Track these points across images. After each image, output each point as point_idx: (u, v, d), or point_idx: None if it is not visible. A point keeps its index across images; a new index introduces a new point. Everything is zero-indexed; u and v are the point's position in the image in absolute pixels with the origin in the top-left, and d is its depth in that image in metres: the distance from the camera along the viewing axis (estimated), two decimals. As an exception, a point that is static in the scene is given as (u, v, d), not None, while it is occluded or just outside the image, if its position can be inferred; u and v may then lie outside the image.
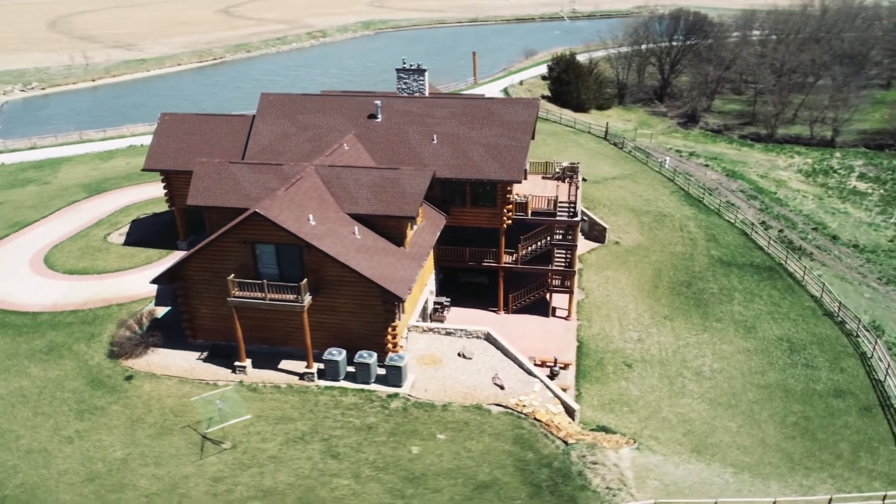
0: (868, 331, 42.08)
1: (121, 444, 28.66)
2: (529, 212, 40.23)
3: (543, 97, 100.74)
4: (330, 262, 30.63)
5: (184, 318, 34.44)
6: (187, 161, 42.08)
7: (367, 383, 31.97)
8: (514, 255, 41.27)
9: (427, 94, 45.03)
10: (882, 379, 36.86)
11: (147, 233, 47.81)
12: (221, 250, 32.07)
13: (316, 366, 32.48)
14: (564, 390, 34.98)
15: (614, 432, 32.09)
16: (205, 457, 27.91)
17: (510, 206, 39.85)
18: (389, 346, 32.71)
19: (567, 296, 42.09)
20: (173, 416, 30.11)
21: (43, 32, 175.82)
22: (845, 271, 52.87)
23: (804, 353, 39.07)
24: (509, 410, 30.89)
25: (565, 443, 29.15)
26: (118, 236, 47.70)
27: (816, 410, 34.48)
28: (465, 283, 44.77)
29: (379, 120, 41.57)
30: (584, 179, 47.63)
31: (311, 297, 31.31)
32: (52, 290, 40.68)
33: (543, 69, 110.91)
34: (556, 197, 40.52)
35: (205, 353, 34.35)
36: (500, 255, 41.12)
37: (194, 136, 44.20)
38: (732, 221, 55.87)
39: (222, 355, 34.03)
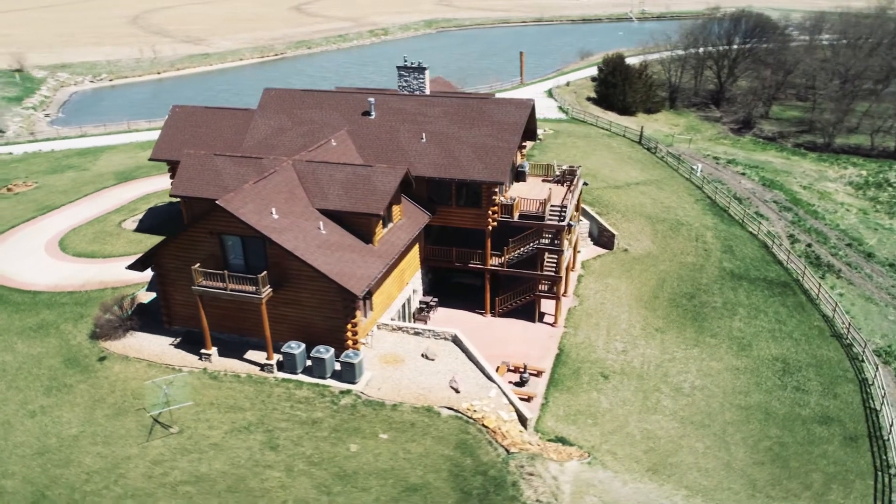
0: (879, 355, 39.40)
1: (77, 422, 29.82)
2: (516, 214, 39.48)
3: (588, 99, 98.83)
4: (290, 255, 30.94)
5: (161, 305, 35.53)
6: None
7: (324, 378, 32.16)
8: (501, 258, 40.61)
9: (427, 93, 44.87)
10: (878, 408, 34.39)
11: (159, 220, 49.51)
12: (192, 240, 32.92)
13: (276, 357, 32.90)
14: (530, 398, 34.27)
15: (571, 444, 31.15)
16: (151, 440, 28.71)
17: (496, 208, 39.27)
18: (349, 342, 32.77)
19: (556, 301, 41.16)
20: (132, 398, 31.10)
21: (124, 27, 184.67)
22: (873, 291, 49.61)
23: (797, 376, 36.88)
24: (459, 414, 30.46)
25: (507, 451, 28.52)
26: (132, 223, 49.61)
27: (795, 436, 32.48)
28: (457, 283, 44.38)
29: (372, 117, 41.71)
30: (585, 184, 46.41)
31: (271, 289, 31.73)
32: (57, 271, 42.69)
33: (595, 71, 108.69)
34: (545, 200, 39.60)
35: (178, 339, 35.33)
36: (486, 257, 40.57)
37: (200, 129, 45.51)
38: (755, 233, 53.32)
39: (195, 342, 34.91)
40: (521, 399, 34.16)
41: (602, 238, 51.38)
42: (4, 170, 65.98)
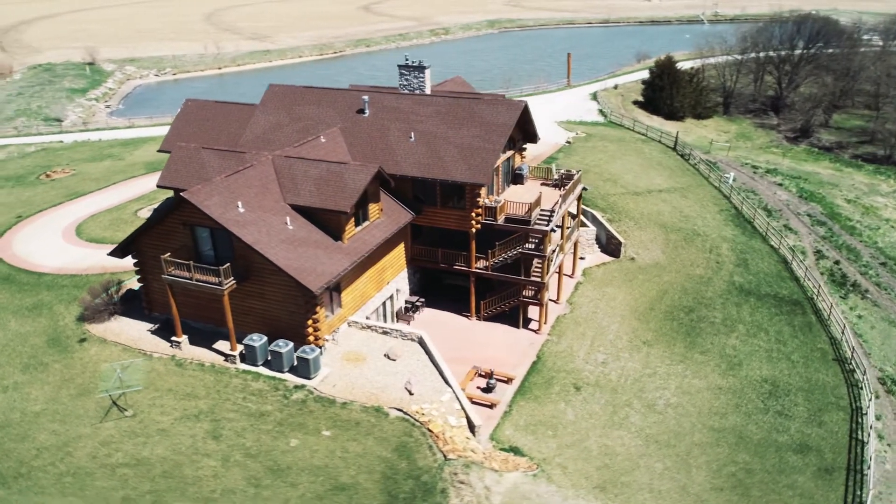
0: (884, 383, 36.79)
1: (43, 400, 31.14)
2: (500, 217, 38.79)
3: (635, 103, 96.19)
4: (253, 249, 31.37)
5: (142, 292, 36.72)
6: (204, 144, 44.44)
7: (282, 371, 32.47)
8: (486, 261, 40.00)
9: (428, 92, 44.68)
10: (865, 440, 32.05)
11: (172, 210, 51.11)
12: (168, 230, 33.85)
13: (240, 349, 33.43)
14: (493, 405, 33.67)
15: (523, 455, 30.38)
16: (105, 421, 29.68)
17: (479, 210, 38.71)
18: (311, 338, 32.96)
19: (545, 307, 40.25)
20: (98, 380, 32.23)
21: (198, 24, 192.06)
22: (900, 314, 46.30)
23: (784, 400, 34.79)
24: (407, 417, 30.18)
25: (445, 458, 28.05)
26: (147, 211, 51.48)
27: (765, 464, 30.64)
28: (448, 285, 44.00)
29: (366, 115, 41.83)
30: (584, 189, 45.13)
31: (234, 281, 32.24)
32: (66, 255, 44.74)
33: (647, 74, 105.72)
34: (532, 204, 38.74)
35: (156, 326, 36.39)
36: (471, 260, 40.06)
37: (208, 123, 46.68)
38: (776, 247, 50.64)
39: (171, 329, 35.86)
40: (485, 406, 33.67)
41: (609, 245, 49.95)
42: (51, 157, 69.69)
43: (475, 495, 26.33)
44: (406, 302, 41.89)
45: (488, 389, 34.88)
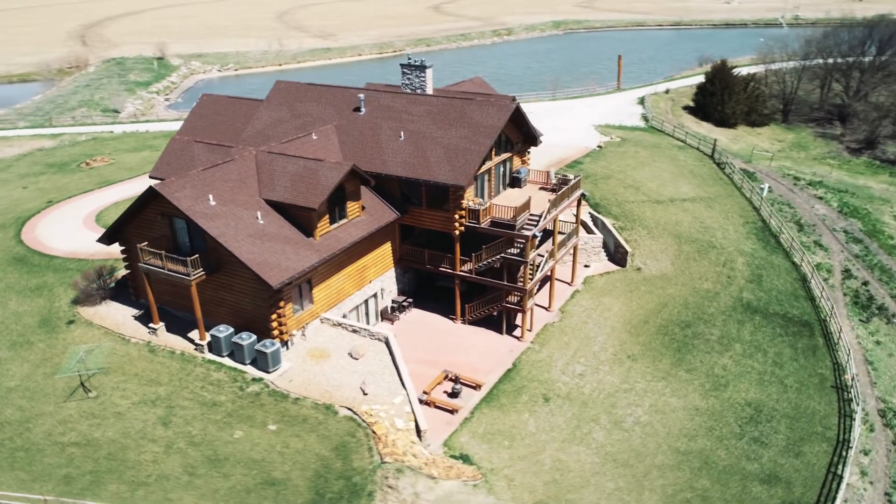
0: (883, 415, 34.19)
1: (20, 376, 32.66)
2: (484, 220, 38.12)
3: (685, 108, 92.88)
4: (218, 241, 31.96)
5: (129, 279, 38.01)
6: (209, 138, 45.59)
7: (244, 363, 32.94)
8: (470, 265, 39.43)
9: (428, 91, 44.42)
10: (843, 474, 29.79)
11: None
12: (148, 220, 34.88)
13: (209, 338, 34.11)
14: (455, 411, 33.18)
15: (472, 464, 29.76)
16: (69, 401, 30.85)
17: (463, 212, 38.18)
18: (275, 332, 33.29)
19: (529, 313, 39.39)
20: (89, 361, 33.49)
21: (269, 22, 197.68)
22: (927, 343, 42.86)
23: (764, 426, 32.77)
24: (355, 416, 30.08)
25: (382, 460, 27.78)
26: (165, 201, 53.18)
27: (725, 493, 28.91)
28: (442, 287, 43.64)
29: (361, 113, 41.94)
30: (583, 195, 43.78)
31: (204, 273, 32.91)
32: (80, 240, 46.77)
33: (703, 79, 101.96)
34: (518, 208, 37.89)
35: (141, 312, 37.57)
36: (455, 262, 39.58)
37: (218, 117, 47.84)
38: (798, 263, 47.82)
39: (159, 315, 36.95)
40: (446, 411, 33.19)
41: (617, 254, 48.40)
42: (98, 146, 73.15)
43: (400, 501, 25.95)
44: (393, 301, 41.79)
45: (454, 394, 34.36)
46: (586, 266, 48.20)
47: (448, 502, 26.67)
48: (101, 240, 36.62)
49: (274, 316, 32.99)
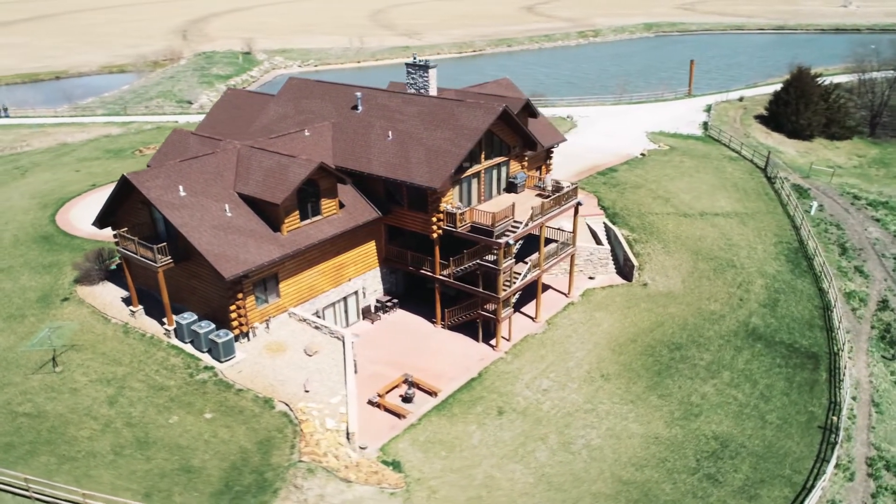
0: (872, 464, 30.91)
1: (3, 347, 34.90)
2: (460, 224, 37.33)
3: (757, 117, 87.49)
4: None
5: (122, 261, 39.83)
6: (221, 131, 47.38)
7: (202, 351, 33.81)
8: (448, 270, 38.77)
9: (432, 91, 44.07)
10: (799, 525, 27.12)
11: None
12: (133, 207, 36.44)
13: (176, 324, 35.23)
14: (402, 416, 32.74)
15: (400, 471, 29.26)
16: (37, 374, 32.70)
17: (440, 215, 37.58)
18: (234, 322, 33.97)
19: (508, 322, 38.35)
20: (56, 337, 35.51)
21: (361, 20, 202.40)
22: (960, 388, 38.36)
23: (725, 463, 30.29)
24: (289, 412, 30.23)
25: (300, 459, 27.77)
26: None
27: (656, 529, 26.97)
28: (431, 289, 43.11)
29: (358, 112, 42.09)
30: (579, 203, 41.93)
31: (171, 260, 34.00)
32: (104, 222, 49.47)
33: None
34: (497, 214, 36.86)
35: (129, 295, 39.28)
36: (435, 266, 39.04)
37: (237, 111, 49.37)
38: (825, 289, 44.00)
39: (141, 299, 38.63)
40: (395, 415, 32.83)
41: (625, 268, 46.26)
42: (158, 134, 77.15)
43: (301, 501, 25.82)
44: (377, 301, 41.74)
45: (407, 399, 33.91)
46: (591, 278, 46.36)
47: (353, 508, 26.31)
48: (94, 223, 38.56)
49: (233, 307, 33.66)
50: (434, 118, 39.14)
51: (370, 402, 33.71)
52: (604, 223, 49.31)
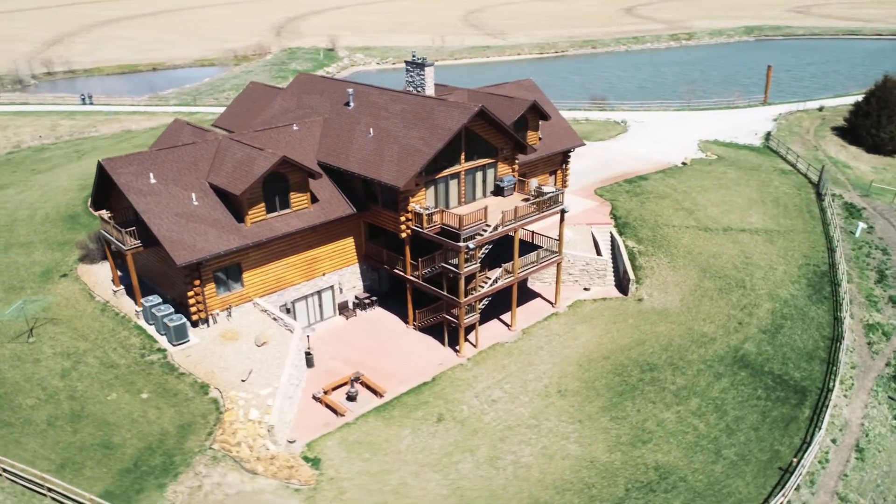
0: (830, 516, 27.93)
1: (-7, 315, 37.60)
2: (426, 225, 36.70)
3: (834, 129, 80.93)
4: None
5: (117, 243, 41.92)
6: (234, 123, 49.00)
7: (160, 333, 35.03)
8: (418, 271, 38.25)
9: (428, 89, 43.66)
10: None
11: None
12: (118, 192, 38.12)
13: (142, 305, 36.67)
14: (341, 413, 32.63)
15: (318, 469, 29.17)
16: (11, 343, 34.93)
17: (409, 215, 37.13)
18: (193, 308, 34.96)
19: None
20: (41, 310, 37.87)
21: (451, 19, 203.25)
22: (978, 441, 33.91)
23: (657, 496, 28.06)
24: (220, 400, 30.79)
25: (211, 446, 28.22)
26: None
27: (555, 558, 25.41)
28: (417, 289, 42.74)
29: (350, 108, 42.27)
30: (563, 210, 40.10)
31: (140, 244, 35.40)
32: (128, 205, 52.26)
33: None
34: (465, 217, 35.97)
35: (122, 275, 41.30)
36: (406, 265, 38.62)
37: (254, 104, 50.77)
38: (841, 318, 40.11)
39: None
40: (334, 412, 32.79)
41: (623, 280, 44.05)
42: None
43: (195, 487, 26.21)
44: (356, 298, 41.81)
45: (351, 398, 33.75)
46: (586, 289, 44.46)
47: (245, 498, 26.41)
48: (90, 206, 40.75)
49: (191, 293, 34.64)
50: (414, 117, 38.68)
51: (314, 397, 33.80)
52: (610, 233, 47.10)
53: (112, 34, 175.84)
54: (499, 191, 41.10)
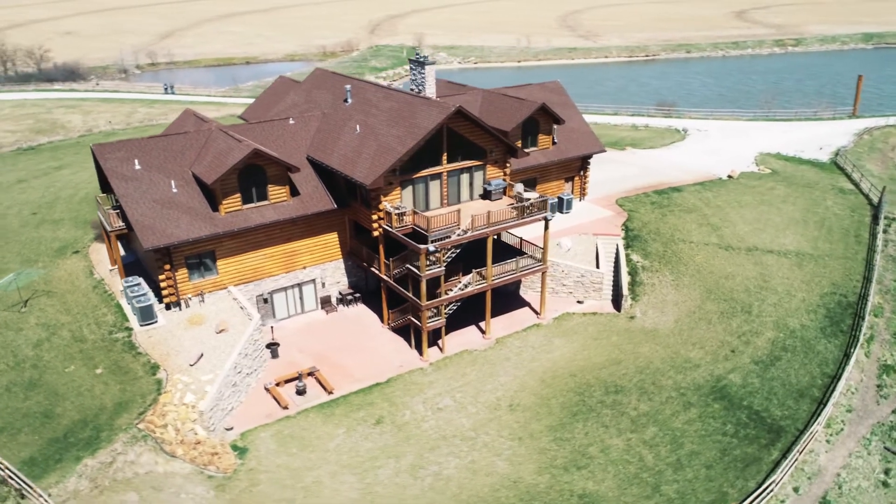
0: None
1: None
2: (395, 225, 36.24)
3: (918, 146, 73.30)
4: (131, 201, 35.84)
5: (124, 224, 44.16)
6: (257, 116, 50.44)
7: (134, 314, 36.56)
8: (391, 270, 37.92)
9: (429, 87, 43.13)
10: None
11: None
12: (118, 175, 40.28)
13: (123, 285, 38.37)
14: (286, 407, 32.96)
15: (240, 458, 29.56)
16: (6, 311, 37.49)
17: (381, 213, 36.85)
18: (164, 291, 36.26)
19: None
20: (44, 283, 40.50)
21: (547, 20, 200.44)
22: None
23: (571, 526, 26.46)
24: (163, 381, 31.74)
25: (136, 425, 29.14)
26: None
27: (439, 577, 24.37)
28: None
29: (347, 104, 42.48)
30: (546, 218, 38.34)
31: (125, 226, 37.13)
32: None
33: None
34: (433, 219, 35.29)
35: (125, 254, 43.51)
36: (380, 264, 38.40)
37: (276, 97, 52.01)
38: (850, 355, 36.26)
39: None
40: (280, 405, 33.12)
41: (619, 296, 41.85)
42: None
43: (106, 462, 27.10)
44: (339, 293, 42.00)
45: (301, 392, 33.94)
46: (579, 302, 42.57)
47: (153, 479, 27.04)
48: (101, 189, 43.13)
49: (162, 276, 35.95)
50: (399, 115, 38.33)
51: (265, 388, 34.22)
52: (616, 245, 44.81)
53: (220, 29, 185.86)
54: (486, 194, 40.02)
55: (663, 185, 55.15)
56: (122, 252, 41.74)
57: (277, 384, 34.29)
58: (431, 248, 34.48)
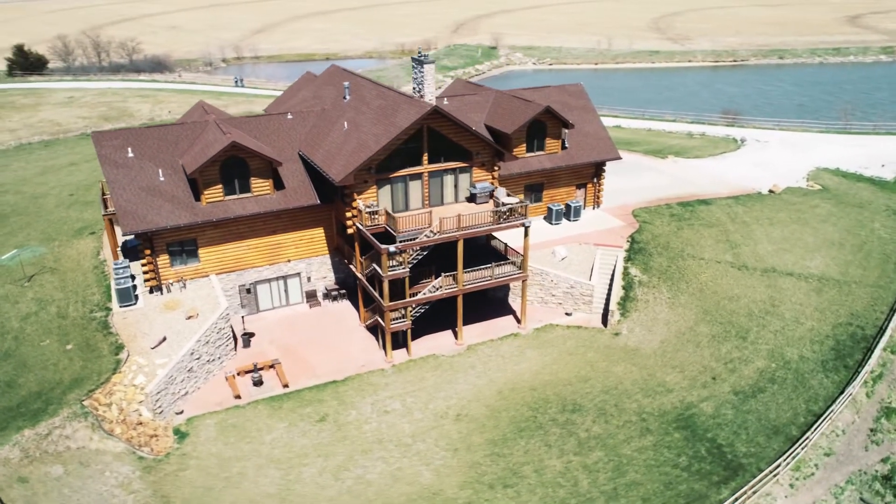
0: None
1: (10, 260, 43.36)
2: (366, 222, 36.01)
3: None
4: (120, 188, 37.46)
5: (135, 209, 46.17)
6: (275, 110, 51.61)
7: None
8: (364, 269, 37.77)
9: (428, 86, 42.57)
10: None
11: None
12: (123, 162, 42.17)
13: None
14: (238, 396, 33.55)
15: (180, 444, 30.28)
16: (10, 284, 40.10)
17: (354, 211, 36.76)
18: (146, 276, 37.63)
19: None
20: (53, 260, 43.01)
21: (640, 22, 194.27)
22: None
23: (476, 546, 25.36)
24: (121, 360, 32.93)
25: (82, 402, 30.34)
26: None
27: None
28: (387, 288, 42.30)
29: (346, 101, 42.64)
30: (525, 225, 36.87)
31: (115, 211, 38.80)
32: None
33: None
34: (402, 219, 34.86)
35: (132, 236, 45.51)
36: (357, 262, 38.34)
37: (299, 92, 52.80)
38: (850, 393, 33.00)
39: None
40: (235, 395, 33.72)
41: (606, 311, 39.98)
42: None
43: (42, 434, 28.34)
44: (325, 288, 42.28)
45: (257, 383, 34.38)
46: (568, 314, 40.92)
47: (83, 454, 28.05)
48: (112, 173, 45.26)
49: (143, 261, 37.32)
50: (384, 113, 38.08)
51: (225, 377, 34.88)
52: (616, 257, 42.73)
53: (309, 26, 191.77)
54: (472, 197, 39.11)
55: (692, 197, 52.12)
56: (131, 236, 43.65)
57: (238, 374, 34.87)
58: (392, 248, 34.02)
